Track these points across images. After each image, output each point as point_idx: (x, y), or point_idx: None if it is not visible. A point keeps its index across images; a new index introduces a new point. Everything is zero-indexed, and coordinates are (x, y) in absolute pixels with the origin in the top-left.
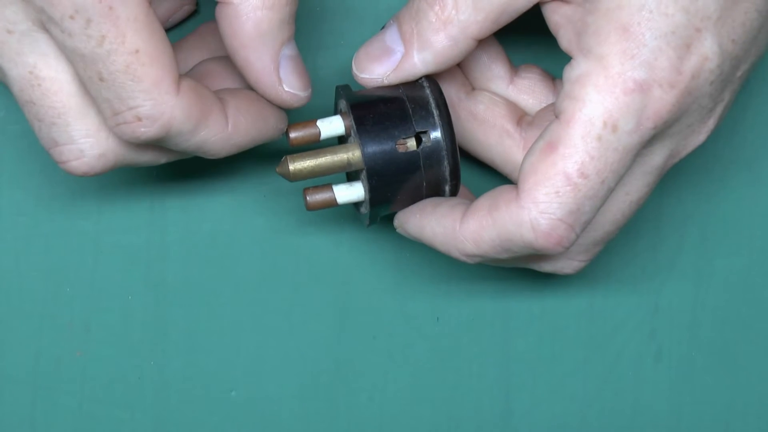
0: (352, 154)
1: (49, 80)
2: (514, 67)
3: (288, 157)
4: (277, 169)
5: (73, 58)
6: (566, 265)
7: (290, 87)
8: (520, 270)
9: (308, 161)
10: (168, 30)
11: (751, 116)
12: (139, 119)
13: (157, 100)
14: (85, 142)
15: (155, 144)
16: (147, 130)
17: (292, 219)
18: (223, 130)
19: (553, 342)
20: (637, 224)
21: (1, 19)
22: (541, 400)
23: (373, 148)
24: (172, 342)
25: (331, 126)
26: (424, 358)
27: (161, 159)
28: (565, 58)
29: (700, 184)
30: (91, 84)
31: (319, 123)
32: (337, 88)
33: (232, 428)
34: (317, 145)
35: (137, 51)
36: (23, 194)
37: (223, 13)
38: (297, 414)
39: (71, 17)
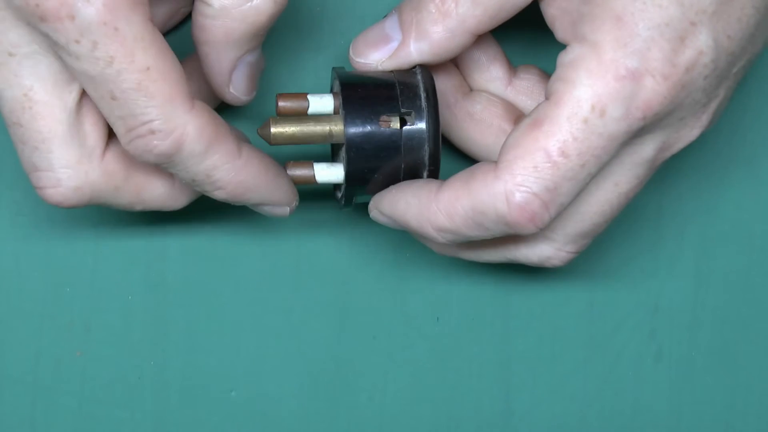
0: (334, 125)
1: (41, 104)
2: (513, 68)
3: (271, 119)
4: (258, 130)
5: (82, 79)
6: (554, 256)
7: (235, 89)
8: (519, 270)
9: (290, 126)
10: (168, 32)
11: (750, 116)
12: (153, 132)
13: (171, 114)
14: (63, 172)
15: (167, 164)
16: (160, 143)
17: (292, 219)
18: (235, 160)
19: (553, 342)
20: (636, 223)
21: (3, 41)
22: (541, 400)
23: (355, 121)
24: (172, 342)
25: (321, 102)
26: (424, 358)
27: (136, 205)
28: None
29: (700, 184)
30: (103, 103)
31: (310, 96)
32: (333, 69)
33: (232, 428)
34: None
35: (148, 68)
36: (23, 194)
37: (200, 5)
38: (297, 414)
39: (77, 41)
